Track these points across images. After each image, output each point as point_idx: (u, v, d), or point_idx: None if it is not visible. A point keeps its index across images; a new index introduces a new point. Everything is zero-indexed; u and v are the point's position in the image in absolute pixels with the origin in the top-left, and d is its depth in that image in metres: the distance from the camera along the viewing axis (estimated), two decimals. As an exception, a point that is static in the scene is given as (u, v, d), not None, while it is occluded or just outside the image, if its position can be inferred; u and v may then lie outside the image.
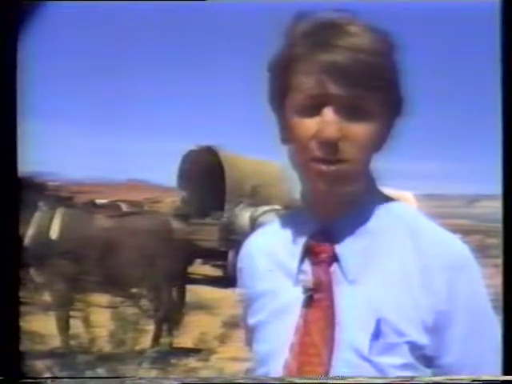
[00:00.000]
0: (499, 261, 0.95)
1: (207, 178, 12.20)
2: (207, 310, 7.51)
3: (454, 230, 0.92)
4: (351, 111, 0.83)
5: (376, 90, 0.83)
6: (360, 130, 0.84)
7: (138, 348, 4.64)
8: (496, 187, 0.98)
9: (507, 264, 0.95)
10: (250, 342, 0.98)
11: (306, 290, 0.88)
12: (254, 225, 9.75)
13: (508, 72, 0.95)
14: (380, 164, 0.91)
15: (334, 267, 0.88)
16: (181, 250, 5.68)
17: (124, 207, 11.96)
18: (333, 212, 0.89)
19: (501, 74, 0.95)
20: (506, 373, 0.86)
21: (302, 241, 0.91)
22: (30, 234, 5.06)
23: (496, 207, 1.05)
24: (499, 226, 0.98)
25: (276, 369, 0.88)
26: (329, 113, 0.82)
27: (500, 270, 0.94)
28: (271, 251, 0.96)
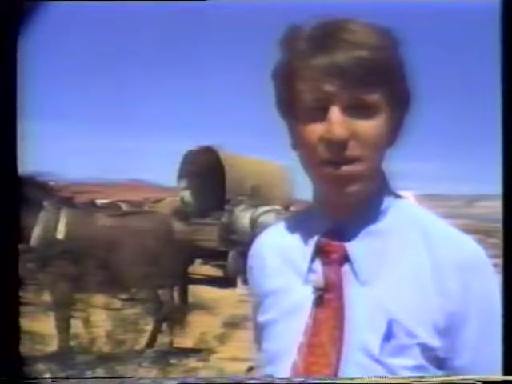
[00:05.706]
0: (499, 261, 0.95)
1: (207, 178, 12.20)
2: (207, 310, 7.50)
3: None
4: (357, 109, 0.82)
5: (380, 85, 0.82)
6: (368, 127, 0.83)
7: (137, 348, 4.64)
8: (496, 187, 0.97)
9: (507, 264, 0.94)
10: (258, 340, 0.97)
11: (316, 289, 0.88)
12: (255, 225, 9.75)
13: (508, 72, 0.95)
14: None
15: (345, 267, 0.87)
16: (181, 250, 5.67)
17: (124, 207, 11.95)
18: (345, 212, 0.88)
19: (501, 74, 0.95)
20: (506, 373, 0.86)
21: (313, 240, 0.90)
22: (36, 234, 5.04)
23: (496, 207, 1.05)
24: (499, 225, 0.97)
25: (284, 368, 0.87)
26: (335, 113, 0.81)
27: (500, 269, 0.94)
28: (282, 250, 0.95)
